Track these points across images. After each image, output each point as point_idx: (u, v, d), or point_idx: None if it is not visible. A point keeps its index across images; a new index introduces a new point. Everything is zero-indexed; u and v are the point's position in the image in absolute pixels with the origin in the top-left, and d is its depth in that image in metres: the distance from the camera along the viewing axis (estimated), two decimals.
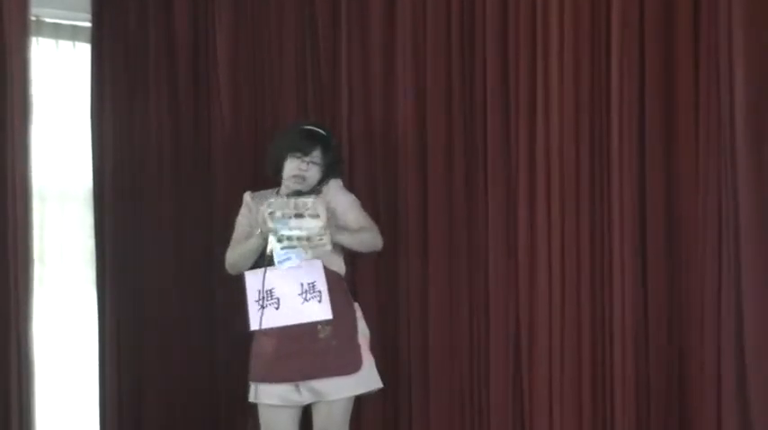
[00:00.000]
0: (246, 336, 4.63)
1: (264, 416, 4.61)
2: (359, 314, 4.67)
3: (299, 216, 4.36)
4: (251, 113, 5.48)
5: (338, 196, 4.63)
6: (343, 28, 5.23)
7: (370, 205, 4.92)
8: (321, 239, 4.37)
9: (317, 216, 4.35)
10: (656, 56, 4.39)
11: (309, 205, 4.36)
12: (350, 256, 4.74)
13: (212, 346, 5.45)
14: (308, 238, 4.37)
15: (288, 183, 4.60)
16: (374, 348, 4.71)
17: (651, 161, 4.42)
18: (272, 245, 4.42)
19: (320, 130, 4.67)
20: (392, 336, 5.09)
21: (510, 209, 4.78)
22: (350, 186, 4.83)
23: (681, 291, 4.40)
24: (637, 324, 4.45)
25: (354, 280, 4.95)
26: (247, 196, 4.74)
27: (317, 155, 4.59)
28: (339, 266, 4.64)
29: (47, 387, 5.24)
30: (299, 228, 4.36)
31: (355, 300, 4.74)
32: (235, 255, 4.65)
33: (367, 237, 4.62)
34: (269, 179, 4.75)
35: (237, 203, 4.79)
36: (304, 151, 4.57)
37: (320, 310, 4.49)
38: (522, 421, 4.77)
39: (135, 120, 5.50)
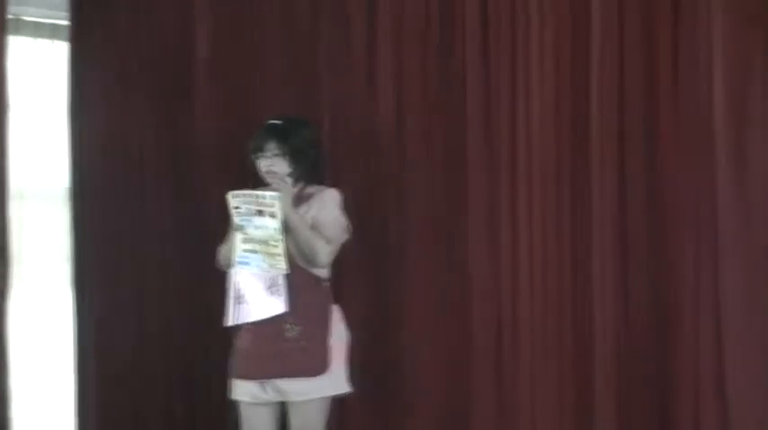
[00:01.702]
0: (227, 336, 4.61)
1: (241, 413, 4.60)
2: (337, 317, 4.61)
3: (260, 213, 4.35)
4: (231, 113, 5.44)
5: (330, 205, 4.58)
6: (324, 25, 5.23)
7: (351, 204, 4.89)
8: (276, 247, 4.34)
9: (275, 216, 4.34)
10: (635, 51, 4.41)
11: (267, 200, 4.34)
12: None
13: (192, 347, 5.42)
14: (266, 242, 4.35)
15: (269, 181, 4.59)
16: (356, 349, 4.67)
17: (631, 153, 4.43)
18: (237, 243, 4.41)
19: (277, 122, 4.63)
20: (374, 338, 5.04)
21: (492, 204, 4.78)
22: (330, 184, 4.78)
23: (662, 288, 4.40)
24: (618, 320, 4.46)
25: (337, 281, 4.91)
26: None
27: (273, 146, 4.55)
28: (320, 270, 4.59)
29: (23, 385, 5.23)
30: (260, 228, 4.35)
31: (338, 303, 4.69)
32: (222, 250, 4.61)
33: (319, 246, 4.48)
34: (249, 178, 4.70)
35: (217, 203, 4.67)
36: (261, 148, 4.56)
37: (277, 304, 4.43)
38: (506, 419, 4.77)
39: (113, 120, 5.47)
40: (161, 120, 5.50)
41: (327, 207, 4.58)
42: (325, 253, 4.52)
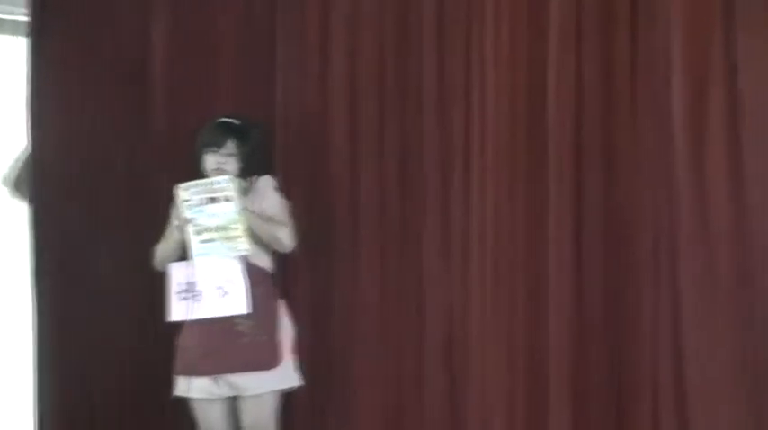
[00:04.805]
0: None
1: (195, 410, 4.63)
2: (283, 311, 4.66)
3: (213, 200, 4.36)
4: (188, 112, 5.39)
5: (268, 192, 4.63)
6: (279, 23, 5.22)
7: (303, 202, 4.92)
8: (236, 230, 4.37)
9: (230, 199, 4.36)
10: (593, 60, 4.38)
11: (222, 184, 4.37)
12: (280, 253, 4.71)
13: (150, 345, 5.39)
14: (225, 227, 4.37)
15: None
16: (305, 346, 4.69)
17: (588, 160, 4.41)
18: (191, 237, 4.42)
19: (233, 121, 4.65)
20: (323, 334, 5.05)
21: (444, 207, 4.77)
22: (282, 183, 4.80)
23: (618, 293, 4.37)
24: (572, 326, 4.43)
25: (285, 277, 4.92)
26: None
27: (231, 146, 4.57)
28: (266, 263, 4.63)
29: None
30: (216, 215, 4.36)
31: (284, 298, 4.72)
32: (160, 249, 4.65)
33: (280, 232, 4.57)
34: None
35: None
36: (217, 144, 4.57)
37: (237, 304, 4.47)
38: (456, 419, 4.75)
39: (73, 117, 5.46)
40: (118, 118, 5.48)
41: (268, 194, 4.63)
42: (288, 237, 4.59)
